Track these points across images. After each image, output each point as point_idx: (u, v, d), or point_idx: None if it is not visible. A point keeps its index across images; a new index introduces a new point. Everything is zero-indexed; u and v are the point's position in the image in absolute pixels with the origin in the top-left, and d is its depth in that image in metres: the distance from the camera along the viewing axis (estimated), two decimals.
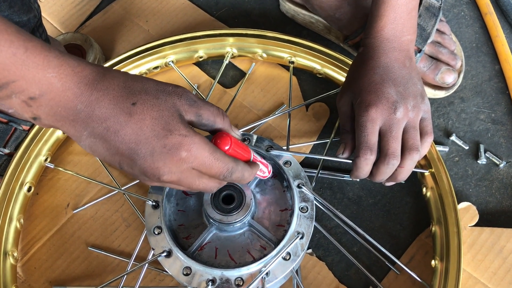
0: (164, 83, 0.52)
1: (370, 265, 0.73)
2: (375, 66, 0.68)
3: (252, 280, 0.63)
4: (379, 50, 0.69)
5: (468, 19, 0.94)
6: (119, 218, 0.77)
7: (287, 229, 0.66)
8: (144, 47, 0.85)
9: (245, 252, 0.67)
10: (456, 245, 0.67)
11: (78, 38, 0.90)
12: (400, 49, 0.69)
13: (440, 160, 0.73)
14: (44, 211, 0.78)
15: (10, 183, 0.74)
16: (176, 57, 0.86)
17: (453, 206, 0.70)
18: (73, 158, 0.82)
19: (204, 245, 0.67)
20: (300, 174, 0.70)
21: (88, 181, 0.80)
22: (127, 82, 0.50)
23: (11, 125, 0.76)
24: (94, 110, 0.47)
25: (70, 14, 0.97)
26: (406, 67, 0.69)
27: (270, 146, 0.71)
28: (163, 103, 0.50)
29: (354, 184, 0.79)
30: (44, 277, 0.74)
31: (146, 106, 0.49)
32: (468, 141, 0.82)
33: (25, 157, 0.77)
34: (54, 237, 0.76)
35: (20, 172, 0.76)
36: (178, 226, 0.68)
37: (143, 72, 0.86)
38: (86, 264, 0.74)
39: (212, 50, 0.87)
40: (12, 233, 0.73)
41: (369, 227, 0.76)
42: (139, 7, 0.97)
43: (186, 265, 0.64)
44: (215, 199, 0.65)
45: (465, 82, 0.87)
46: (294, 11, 0.92)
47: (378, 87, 0.66)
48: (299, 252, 0.64)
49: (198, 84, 0.88)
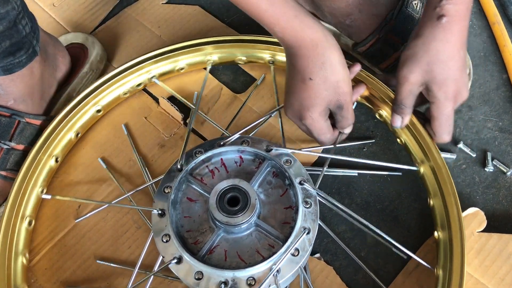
0: (343, 84, 0.68)
1: (378, 270, 0.73)
2: (460, 44, 0.67)
3: (264, 278, 0.63)
4: (465, 21, 0.66)
5: (476, 28, 0.95)
6: (129, 220, 0.78)
7: (293, 225, 0.67)
8: (155, 52, 0.86)
9: (254, 252, 0.67)
10: (459, 253, 0.66)
11: (79, 37, 0.92)
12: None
13: (444, 166, 0.73)
14: (55, 213, 0.79)
15: (23, 183, 0.76)
16: (188, 62, 0.88)
17: (457, 214, 0.69)
18: (84, 161, 0.84)
19: (213, 248, 0.68)
20: (301, 171, 0.71)
21: (98, 185, 0.81)
22: (325, 64, 0.66)
23: (14, 118, 0.77)
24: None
25: (84, 19, 0.99)
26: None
27: (268, 145, 0.73)
28: (326, 94, 0.68)
29: (362, 189, 0.80)
30: (55, 277, 0.75)
31: (316, 86, 0.67)
32: (476, 149, 0.83)
33: (39, 155, 0.78)
34: (65, 238, 0.77)
35: (33, 172, 0.77)
36: (186, 232, 0.69)
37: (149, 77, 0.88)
38: (97, 265, 0.75)
39: (223, 55, 0.89)
40: (24, 233, 0.74)
41: (376, 233, 0.76)
42: (151, 13, 0.99)
43: (197, 270, 0.64)
44: (220, 202, 0.66)
45: (473, 90, 0.88)
46: None
47: (462, 79, 0.69)
48: (307, 247, 0.66)
49: (209, 89, 0.89)
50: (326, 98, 0.69)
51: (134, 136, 0.85)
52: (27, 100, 0.79)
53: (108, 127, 0.86)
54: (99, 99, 0.84)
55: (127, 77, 0.86)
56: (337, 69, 0.67)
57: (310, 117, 0.70)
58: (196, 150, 0.73)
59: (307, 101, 0.69)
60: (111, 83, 0.84)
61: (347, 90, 0.69)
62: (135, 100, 0.89)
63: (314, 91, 0.68)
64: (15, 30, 0.72)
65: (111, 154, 0.84)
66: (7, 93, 0.76)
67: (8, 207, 0.73)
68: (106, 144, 0.85)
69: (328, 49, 0.67)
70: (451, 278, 0.65)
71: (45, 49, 0.81)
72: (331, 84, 0.68)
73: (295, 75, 0.69)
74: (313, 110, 0.70)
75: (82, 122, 0.83)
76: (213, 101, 0.88)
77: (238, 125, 0.84)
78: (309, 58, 0.66)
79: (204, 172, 0.73)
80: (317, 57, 0.66)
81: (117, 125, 0.87)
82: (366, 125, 0.85)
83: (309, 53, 0.66)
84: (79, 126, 0.83)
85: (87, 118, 0.84)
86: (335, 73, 0.67)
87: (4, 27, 0.69)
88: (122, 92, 0.86)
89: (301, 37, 0.65)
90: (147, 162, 0.83)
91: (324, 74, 0.67)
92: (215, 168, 0.73)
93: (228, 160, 0.74)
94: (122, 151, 0.84)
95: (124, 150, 0.84)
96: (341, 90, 0.69)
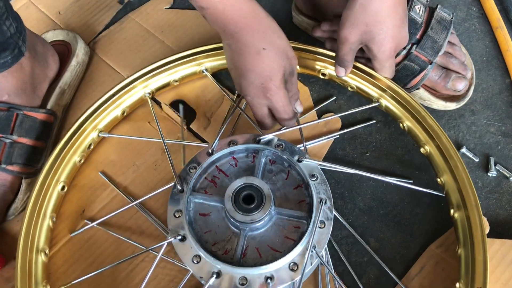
0: (289, 48, 0.70)
1: (380, 276, 0.74)
2: (397, 1, 0.71)
3: (304, 260, 0.65)
4: None
5: (478, 33, 0.95)
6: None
7: (308, 201, 0.70)
8: (178, 55, 0.87)
9: (283, 239, 0.68)
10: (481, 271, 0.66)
11: (59, 34, 0.94)
12: None
13: (468, 178, 0.72)
14: (63, 214, 0.80)
15: (45, 181, 0.77)
16: (211, 66, 0.89)
17: (481, 233, 0.68)
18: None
19: (245, 250, 0.68)
20: (294, 150, 0.73)
21: (103, 188, 0.82)
22: (269, 31, 0.67)
23: (12, 111, 0.78)
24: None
25: (88, 24, 1.00)
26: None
27: (255, 137, 0.75)
28: (280, 60, 0.68)
29: (365, 194, 0.80)
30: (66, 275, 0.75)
31: (271, 54, 0.67)
32: (478, 154, 0.83)
33: (61, 156, 0.79)
34: (73, 239, 0.78)
35: (56, 171, 0.78)
36: (213, 246, 0.69)
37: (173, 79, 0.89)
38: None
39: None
40: (45, 230, 0.75)
41: (379, 237, 0.77)
42: (155, 18, 0.99)
43: (239, 276, 0.65)
44: (237, 204, 0.67)
45: (475, 95, 0.88)
46: (307, 24, 0.94)
47: (401, 33, 0.74)
48: (330, 216, 0.68)
49: (212, 94, 0.90)
50: (282, 63, 0.69)
51: (136, 141, 0.86)
52: (21, 94, 0.80)
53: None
54: (99, 121, 0.84)
55: (124, 96, 0.86)
56: (279, 35, 0.70)
57: (275, 86, 0.69)
58: (190, 166, 0.73)
59: (267, 71, 0.68)
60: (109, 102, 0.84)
61: (293, 54, 0.72)
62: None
63: (270, 59, 0.68)
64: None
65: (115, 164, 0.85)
66: (0, 89, 0.77)
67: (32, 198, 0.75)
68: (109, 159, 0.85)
69: (265, 17, 0.68)
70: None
71: (34, 48, 0.82)
72: (281, 50, 0.69)
73: (245, 51, 0.68)
74: (275, 77, 0.69)
75: (84, 146, 0.83)
76: (216, 106, 0.88)
77: (238, 128, 0.85)
78: (254, 29, 0.67)
79: (206, 184, 0.73)
80: (262, 26, 0.67)
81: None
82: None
83: (254, 25, 0.67)
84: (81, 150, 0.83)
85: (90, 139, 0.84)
86: (280, 38, 0.69)
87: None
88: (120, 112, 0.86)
89: (243, 9, 0.65)
90: (151, 167, 0.83)
91: (273, 41, 0.68)
92: (214, 177, 0.74)
93: (223, 165, 0.75)
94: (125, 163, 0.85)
95: (128, 154, 0.85)
96: (290, 54, 0.71)
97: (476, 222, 0.68)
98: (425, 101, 0.85)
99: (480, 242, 0.66)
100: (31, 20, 1.00)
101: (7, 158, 0.78)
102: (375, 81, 0.81)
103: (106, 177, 0.83)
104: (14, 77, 0.78)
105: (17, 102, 0.79)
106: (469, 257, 0.67)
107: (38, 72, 0.83)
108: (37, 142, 0.81)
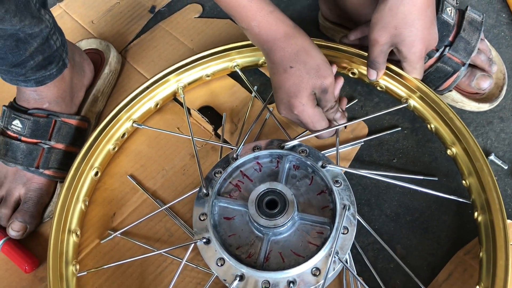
0: (323, 67, 0.71)
1: (406, 282, 0.73)
2: (426, 3, 0.71)
3: (328, 264, 0.65)
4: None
5: (508, 39, 0.94)
6: (161, 228, 0.80)
7: (332, 207, 0.70)
8: (212, 50, 0.89)
9: (306, 244, 0.69)
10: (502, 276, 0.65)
11: (93, 43, 0.98)
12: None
13: (493, 181, 0.71)
14: (91, 219, 0.82)
15: (79, 168, 0.80)
16: (242, 62, 0.90)
17: (505, 238, 0.67)
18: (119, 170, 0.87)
19: (268, 255, 0.69)
20: (318, 156, 0.74)
21: (133, 192, 0.84)
22: (300, 51, 0.70)
23: (51, 118, 0.81)
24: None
25: (120, 33, 1.03)
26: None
27: (279, 143, 0.76)
28: (308, 77, 0.70)
29: (392, 201, 0.80)
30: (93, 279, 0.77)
31: (298, 72, 0.70)
32: (508, 161, 0.82)
33: (94, 145, 0.82)
34: (100, 245, 0.80)
35: (90, 157, 0.81)
36: (237, 250, 0.70)
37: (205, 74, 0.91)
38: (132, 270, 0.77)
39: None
40: (77, 213, 0.79)
41: (406, 244, 0.77)
42: (184, 27, 1.02)
43: (262, 280, 0.66)
44: (260, 209, 0.68)
45: (504, 102, 0.87)
46: (333, 30, 0.95)
47: (430, 35, 0.74)
48: (353, 222, 0.68)
49: (239, 100, 0.91)
50: (310, 81, 0.71)
51: (166, 146, 0.88)
52: (60, 103, 0.83)
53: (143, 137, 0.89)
54: (134, 111, 0.87)
55: (158, 88, 0.88)
56: (313, 54, 0.71)
57: (300, 103, 0.71)
58: (215, 171, 0.75)
59: (293, 88, 0.71)
60: (144, 95, 0.87)
61: (328, 72, 0.72)
62: (168, 110, 0.92)
63: (297, 77, 0.70)
64: (47, 46, 0.76)
65: (145, 163, 0.87)
66: (42, 98, 0.81)
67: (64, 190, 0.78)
68: (140, 153, 0.88)
69: (299, 38, 0.71)
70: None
71: (73, 57, 0.86)
72: (311, 68, 0.71)
73: (276, 69, 0.72)
74: (301, 95, 0.71)
75: (118, 135, 0.86)
76: (243, 112, 0.90)
77: (264, 133, 0.87)
78: (284, 49, 0.71)
79: (230, 188, 0.74)
80: (292, 46, 0.71)
81: (151, 136, 0.89)
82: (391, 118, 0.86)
83: (283, 45, 0.71)
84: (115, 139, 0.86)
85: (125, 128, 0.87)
86: (312, 57, 0.71)
87: (38, 43, 0.74)
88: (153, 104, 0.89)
89: (275, 31, 0.70)
90: (179, 172, 0.85)
91: (302, 59, 0.70)
92: (239, 182, 0.75)
93: (248, 170, 0.76)
94: (155, 160, 0.87)
95: (157, 160, 0.87)
96: (322, 72, 0.71)
97: (499, 226, 0.67)
98: (457, 103, 0.84)
99: (503, 247, 0.66)
100: (65, 29, 1.03)
101: (45, 163, 0.81)
102: (404, 81, 0.81)
103: (135, 181, 0.85)
104: (55, 86, 0.81)
105: (56, 109, 0.83)
106: (491, 261, 0.66)
107: (76, 82, 0.86)
108: (72, 147, 0.84)
